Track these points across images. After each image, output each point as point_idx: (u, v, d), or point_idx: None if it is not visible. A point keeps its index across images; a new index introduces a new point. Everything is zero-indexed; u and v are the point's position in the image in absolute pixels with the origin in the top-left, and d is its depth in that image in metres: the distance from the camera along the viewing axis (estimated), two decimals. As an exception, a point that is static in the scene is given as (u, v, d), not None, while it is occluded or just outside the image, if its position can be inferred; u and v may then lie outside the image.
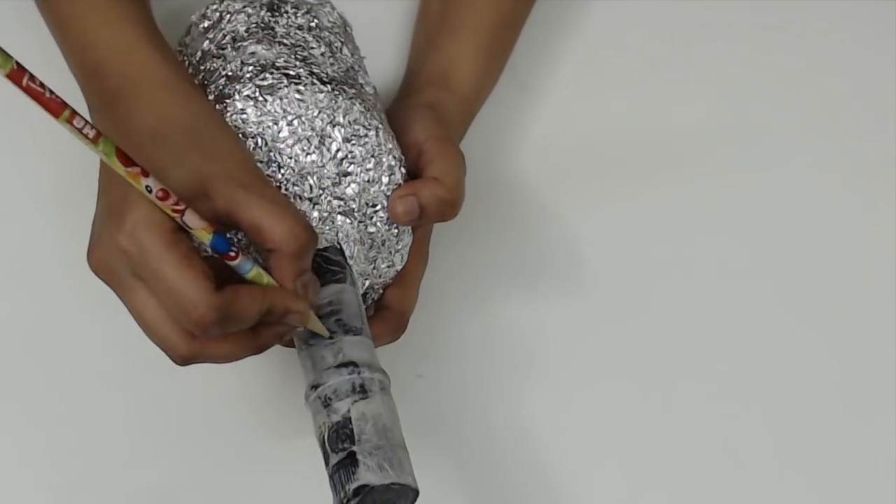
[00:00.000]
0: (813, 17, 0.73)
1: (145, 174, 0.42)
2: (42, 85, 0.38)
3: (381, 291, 0.56)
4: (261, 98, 0.52)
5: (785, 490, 0.61)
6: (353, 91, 0.55)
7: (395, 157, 0.54)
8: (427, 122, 0.57)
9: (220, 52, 0.56)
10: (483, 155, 0.66)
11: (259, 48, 0.55)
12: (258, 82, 0.53)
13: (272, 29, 0.56)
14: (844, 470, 0.61)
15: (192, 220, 0.44)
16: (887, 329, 0.65)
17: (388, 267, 0.56)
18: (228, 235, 0.47)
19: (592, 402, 0.62)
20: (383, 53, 0.67)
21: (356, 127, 0.53)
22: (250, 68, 0.54)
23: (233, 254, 0.46)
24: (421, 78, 0.62)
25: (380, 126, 0.54)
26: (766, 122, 0.70)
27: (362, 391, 0.49)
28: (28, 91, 0.38)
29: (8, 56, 0.36)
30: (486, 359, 0.62)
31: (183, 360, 0.47)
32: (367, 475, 0.46)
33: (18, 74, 0.37)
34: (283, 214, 0.47)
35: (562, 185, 0.66)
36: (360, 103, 0.54)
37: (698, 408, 0.62)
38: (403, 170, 0.55)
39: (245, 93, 0.52)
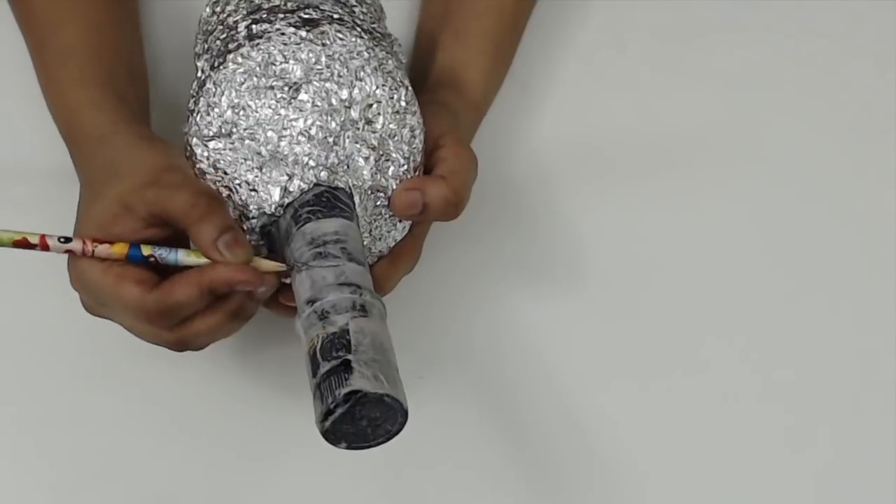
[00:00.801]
0: (813, 16, 0.73)
1: (45, 247, 0.50)
2: None
3: (375, 259, 0.55)
4: (303, 28, 0.53)
5: (788, 484, 0.61)
6: (391, 50, 0.55)
7: (417, 122, 0.54)
8: (445, 118, 0.57)
9: None
10: (483, 155, 0.66)
11: None
12: (302, 14, 0.53)
13: None
14: (848, 466, 0.62)
15: (103, 253, 0.50)
16: (888, 328, 0.65)
17: (388, 231, 0.55)
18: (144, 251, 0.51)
19: (595, 401, 0.62)
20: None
21: (388, 79, 0.53)
22: (294, 3, 0.54)
23: (152, 259, 0.50)
24: (431, 79, 0.62)
25: (409, 87, 0.54)
26: (766, 122, 0.70)
27: (363, 310, 0.47)
28: None
29: None
30: (488, 360, 0.62)
31: (177, 347, 0.52)
32: (361, 381, 0.44)
33: None
34: (178, 192, 0.50)
35: (562, 184, 0.66)
36: (395, 60, 0.54)
37: (701, 404, 0.62)
38: (423, 136, 0.55)
39: (289, 20, 0.53)
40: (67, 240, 0.50)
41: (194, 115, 0.53)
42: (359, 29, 0.54)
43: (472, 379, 0.62)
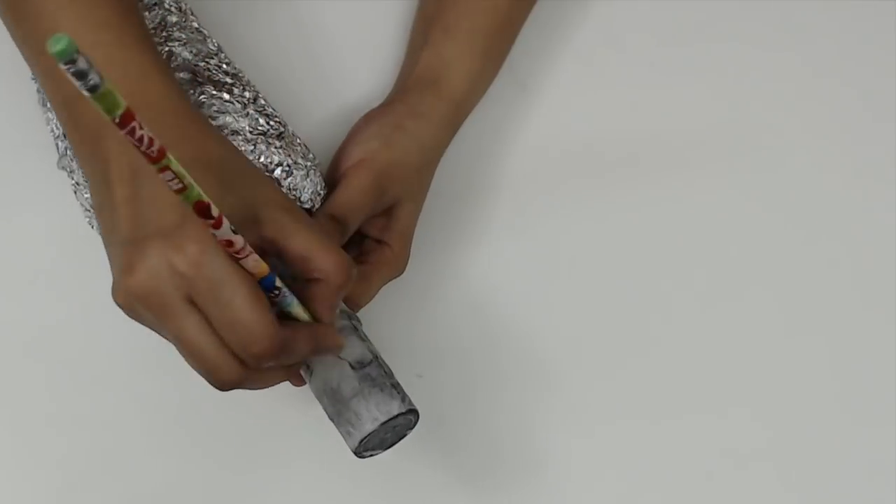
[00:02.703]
0: (813, 17, 0.73)
1: (217, 226, 0.42)
2: (141, 139, 0.36)
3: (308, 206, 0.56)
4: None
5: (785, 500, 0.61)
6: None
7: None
8: (373, 142, 0.59)
9: None
10: (481, 154, 0.66)
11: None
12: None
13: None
14: (850, 478, 0.61)
15: (250, 263, 0.44)
16: (889, 333, 0.65)
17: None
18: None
19: (591, 402, 0.62)
20: (383, 53, 0.67)
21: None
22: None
23: (275, 293, 0.46)
24: (411, 77, 0.62)
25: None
26: (766, 122, 0.70)
27: (307, 368, 0.52)
28: (128, 137, 0.36)
29: (119, 102, 0.34)
30: (486, 359, 0.62)
31: (228, 387, 0.46)
32: (347, 442, 0.50)
33: (126, 120, 0.35)
34: (332, 246, 0.47)
35: (560, 184, 0.66)
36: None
37: (698, 408, 0.62)
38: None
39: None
40: (235, 231, 0.43)
41: None
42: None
43: (471, 378, 0.62)
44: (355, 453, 0.51)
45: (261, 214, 0.46)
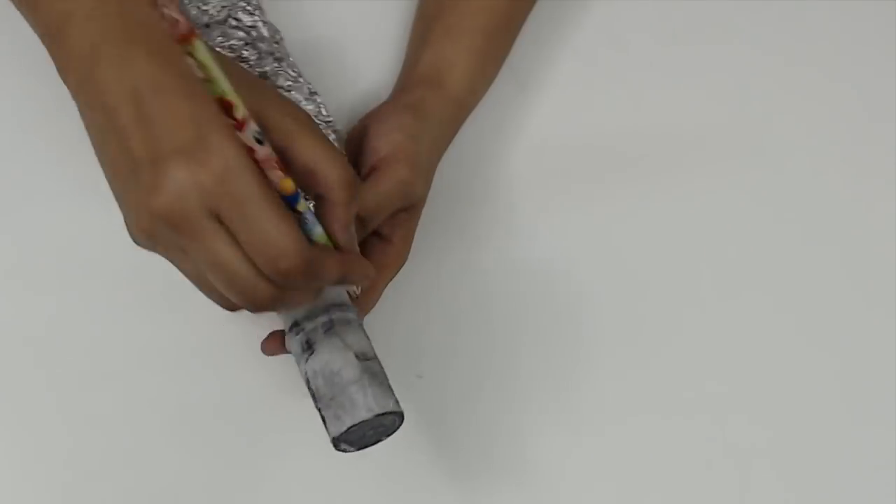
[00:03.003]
0: (813, 17, 0.73)
1: (240, 126, 0.40)
2: (175, 21, 0.35)
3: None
4: None
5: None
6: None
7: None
8: (395, 134, 0.58)
9: None
10: (481, 154, 0.66)
11: None
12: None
13: None
14: (850, 478, 0.61)
15: (273, 179, 0.42)
16: (889, 333, 0.65)
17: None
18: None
19: (591, 402, 0.62)
20: (383, 53, 0.67)
21: None
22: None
23: (296, 215, 0.44)
24: (413, 76, 0.62)
25: None
26: (766, 122, 0.70)
27: (308, 347, 0.51)
28: (163, 17, 0.34)
29: None
30: (486, 359, 0.62)
31: (261, 307, 0.44)
32: (331, 428, 0.49)
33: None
34: (337, 159, 0.45)
35: (560, 184, 0.66)
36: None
37: (698, 410, 0.62)
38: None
39: None
40: (261, 141, 0.41)
41: None
42: None
43: (471, 378, 0.62)
44: (335, 440, 0.50)
45: (268, 121, 0.44)
